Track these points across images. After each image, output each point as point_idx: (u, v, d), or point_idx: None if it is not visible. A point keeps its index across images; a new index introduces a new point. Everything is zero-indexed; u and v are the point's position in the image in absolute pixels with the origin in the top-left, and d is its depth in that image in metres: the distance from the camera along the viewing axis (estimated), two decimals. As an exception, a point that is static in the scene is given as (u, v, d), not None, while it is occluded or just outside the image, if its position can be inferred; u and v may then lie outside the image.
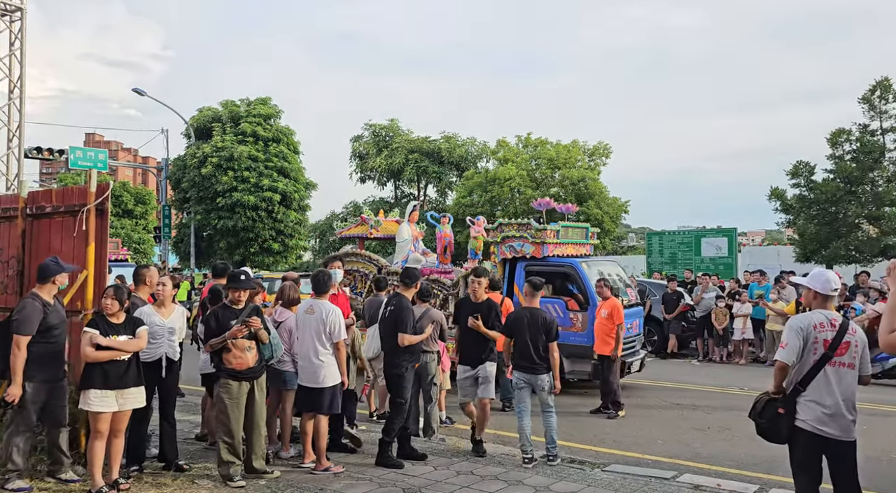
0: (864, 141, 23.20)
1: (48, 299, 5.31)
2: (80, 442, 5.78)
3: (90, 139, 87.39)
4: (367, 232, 12.93)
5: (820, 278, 4.25)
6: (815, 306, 4.23)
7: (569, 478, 5.90)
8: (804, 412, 4.03)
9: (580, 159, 27.61)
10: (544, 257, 10.17)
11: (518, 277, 10.32)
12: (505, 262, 10.57)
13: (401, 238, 12.00)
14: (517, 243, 10.34)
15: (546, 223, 10.33)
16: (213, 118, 30.21)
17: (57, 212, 6.29)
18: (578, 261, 10.41)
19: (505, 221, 10.67)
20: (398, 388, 6.35)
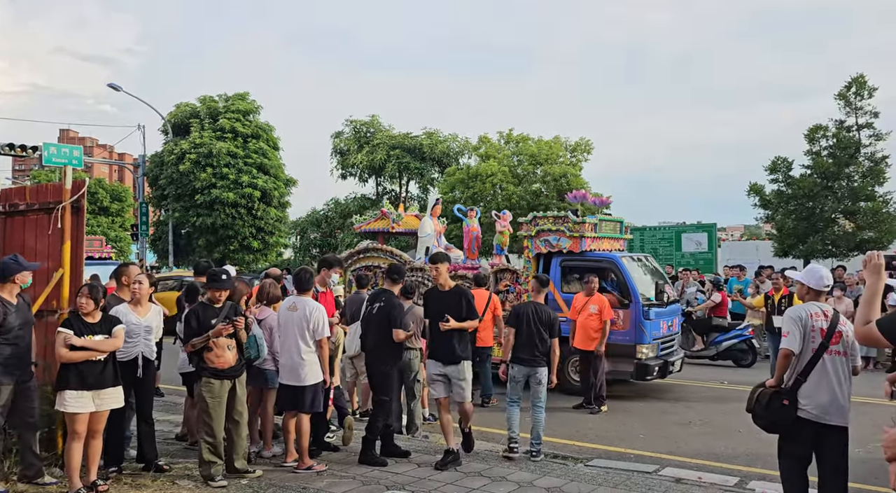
0: (840, 137, 23.55)
1: (9, 299, 5.16)
2: (57, 444, 5.68)
3: (64, 135, 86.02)
4: (388, 226, 12.56)
5: (815, 274, 4.45)
6: (808, 300, 4.43)
7: (552, 473, 5.92)
8: (807, 401, 4.19)
9: (562, 155, 27.69)
10: (582, 251, 9.80)
11: (553, 272, 9.98)
12: (539, 257, 10.18)
13: (423, 233, 11.66)
14: (553, 238, 9.91)
15: (583, 216, 9.92)
16: (190, 114, 29.83)
17: (31, 209, 6.16)
18: (619, 256, 10.05)
19: (540, 215, 10.26)
20: (383, 386, 6.32)
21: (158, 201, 30.23)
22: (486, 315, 9.32)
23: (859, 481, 5.87)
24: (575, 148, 28.57)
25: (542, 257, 10.17)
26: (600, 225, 10.17)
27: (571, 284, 10.08)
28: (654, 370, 9.44)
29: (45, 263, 5.85)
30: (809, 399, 4.18)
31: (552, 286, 9.68)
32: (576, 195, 10.52)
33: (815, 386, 4.17)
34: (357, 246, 12.52)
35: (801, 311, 4.30)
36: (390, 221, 12.49)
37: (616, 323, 9.37)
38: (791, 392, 4.22)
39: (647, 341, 9.47)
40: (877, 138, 23.37)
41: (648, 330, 9.48)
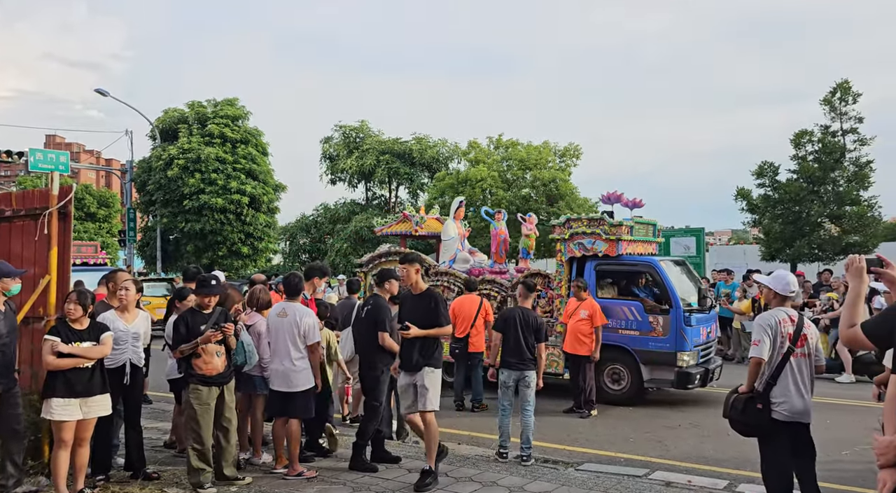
0: (825, 142, 23.80)
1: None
2: (43, 452, 5.61)
3: (51, 141, 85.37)
4: (410, 230, 12.21)
5: (782, 280, 4.61)
6: (775, 304, 4.62)
7: (543, 478, 5.92)
8: (779, 403, 4.37)
9: (551, 160, 27.82)
10: (618, 255, 9.48)
11: (588, 277, 9.66)
12: (572, 261, 9.87)
13: (447, 236, 11.34)
14: (588, 241, 9.56)
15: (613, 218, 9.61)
16: (178, 119, 29.72)
17: (17, 215, 6.10)
18: (657, 259, 9.73)
19: (574, 217, 9.98)
20: (374, 390, 6.29)
21: (146, 207, 30.07)
22: (477, 321, 9.34)
23: (847, 483, 5.93)
24: (564, 153, 28.71)
25: (575, 261, 9.87)
26: (636, 228, 9.85)
27: (606, 289, 9.81)
28: (695, 378, 9.16)
29: (32, 269, 5.79)
30: (781, 401, 4.36)
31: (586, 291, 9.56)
32: (610, 197, 10.03)
33: (785, 388, 4.37)
34: (378, 249, 12.21)
35: (770, 318, 4.46)
36: (413, 225, 12.15)
37: (655, 329, 9.18)
38: (764, 396, 4.39)
39: (688, 349, 9.11)
40: (861, 143, 23.66)
41: (689, 337, 9.13)
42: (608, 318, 9.31)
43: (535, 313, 6.92)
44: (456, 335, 9.43)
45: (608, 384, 9.55)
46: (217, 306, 5.71)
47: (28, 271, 5.70)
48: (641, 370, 9.26)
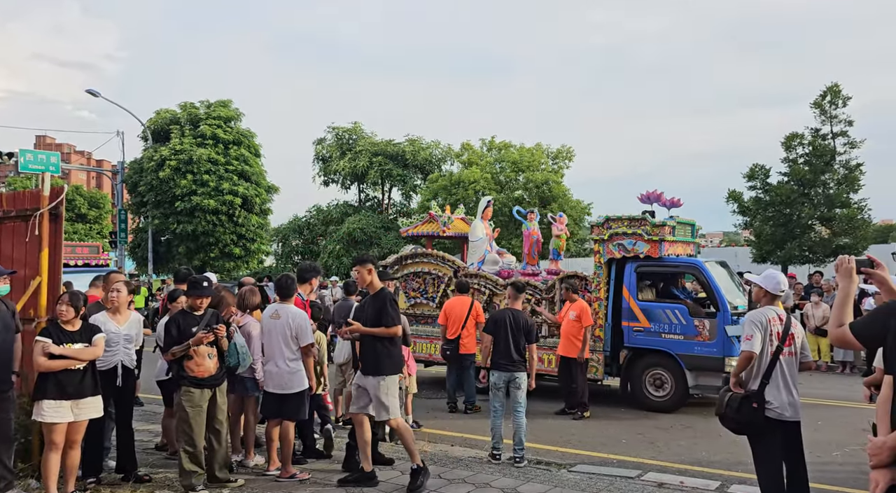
0: (816, 145, 23.98)
1: None
2: (34, 454, 5.57)
3: (41, 141, 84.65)
4: (437, 230, 11.96)
5: (772, 279, 4.69)
6: (765, 303, 4.68)
7: (536, 479, 5.93)
8: (771, 401, 4.42)
9: (544, 162, 27.89)
10: (660, 256, 9.16)
11: (628, 279, 9.37)
12: (611, 262, 9.55)
13: (475, 237, 11.05)
14: (628, 242, 9.26)
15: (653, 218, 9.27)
16: (171, 120, 29.60)
17: (8, 217, 6.06)
18: (703, 261, 9.37)
19: (614, 217, 9.51)
20: None
21: (138, 208, 29.92)
22: (468, 322, 9.35)
23: (838, 483, 5.97)
24: (557, 155, 28.80)
25: (614, 263, 9.55)
26: (677, 228, 9.54)
27: (645, 291, 9.52)
28: None
29: (23, 270, 5.76)
30: (773, 399, 4.43)
31: (627, 294, 9.39)
32: (649, 196, 9.65)
33: (776, 387, 4.44)
34: (403, 250, 11.94)
35: (760, 315, 4.53)
36: (440, 225, 11.85)
37: (701, 334, 8.81)
38: (758, 395, 4.44)
39: (736, 353, 8.63)
40: (851, 146, 23.85)
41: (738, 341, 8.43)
42: (649, 322, 9.14)
43: (525, 315, 6.94)
44: (447, 337, 9.44)
45: (650, 391, 9.21)
46: (209, 308, 5.68)
47: (18, 272, 5.67)
48: (686, 376, 8.92)
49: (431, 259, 11.02)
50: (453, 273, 10.61)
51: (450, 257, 11.04)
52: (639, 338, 9.31)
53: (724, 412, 4.54)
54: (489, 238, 11.22)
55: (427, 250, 11.35)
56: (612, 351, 9.58)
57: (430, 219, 12.17)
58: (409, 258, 11.23)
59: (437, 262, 10.93)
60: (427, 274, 10.91)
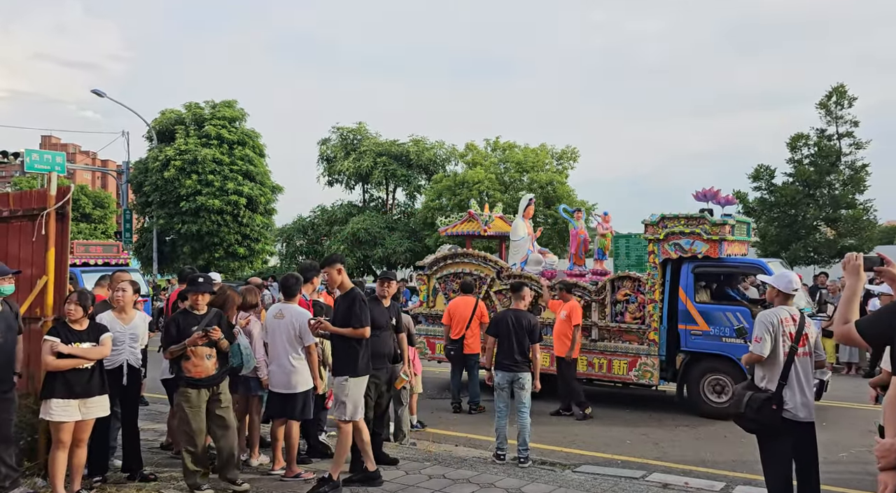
0: (821, 145, 23.93)
1: None
2: (39, 453, 5.59)
3: (46, 142, 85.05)
4: (478, 230, 11.60)
5: (784, 278, 4.70)
6: (778, 302, 4.65)
7: (540, 479, 5.93)
8: (787, 402, 4.39)
9: (548, 163, 27.86)
10: (720, 257, 8.75)
11: (684, 280, 8.98)
12: (666, 263, 9.16)
13: (516, 236, 10.72)
14: (685, 241, 8.86)
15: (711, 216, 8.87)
16: (176, 121, 29.65)
17: (15, 216, 6.08)
18: (766, 261, 8.95)
19: (670, 215, 9.09)
20: None
21: (143, 208, 29.99)
22: (472, 323, 9.35)
23: (845, 485, 5.95)
24: (561, 156, 28.76)
25: (669, 263, 9.16)
26: (736, 227, 9.09)
27: (701, 292, 9.13)
28: None
29: (30, 270, 5.78)
30: (788, 400, 4.40)
31: (683, 296, 8.99)
32: (705, 194, 9.25)
33: (793, 387, 4.41)
34: (440, 250, 11.60)
35: (772, 316, 4.50)
36: (480, 224, 11.48)
37: None
38: (777, 396, 4.40)
39: None
40: (857, 147, 23.80)
41: None
42: (708, 325, 8.78)
43: (529, 314, 6.90)
44: (451, 337, 9.45)
45: (709, 397, 8.86)
46: (212, 308, 5.65)
47: (25, 272, 5.69)
48: None
49: (472, 259, 10.69)
50: (496, 274, 10.36)
51: (492, 258, 10.72)
52: (697, 342, 8.95)
53: (743, 412, 4.47)
54: (531, 238, 10.89)
55: (467, 250, 11.01)
56: (667, 355, 9.20)
57: (469, 218, 11.80)
58: (448, 259, 10.87)
59: (479, 262, 10.62)
60: (468, 275, 10.61)
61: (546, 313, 9.89)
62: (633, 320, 9.33)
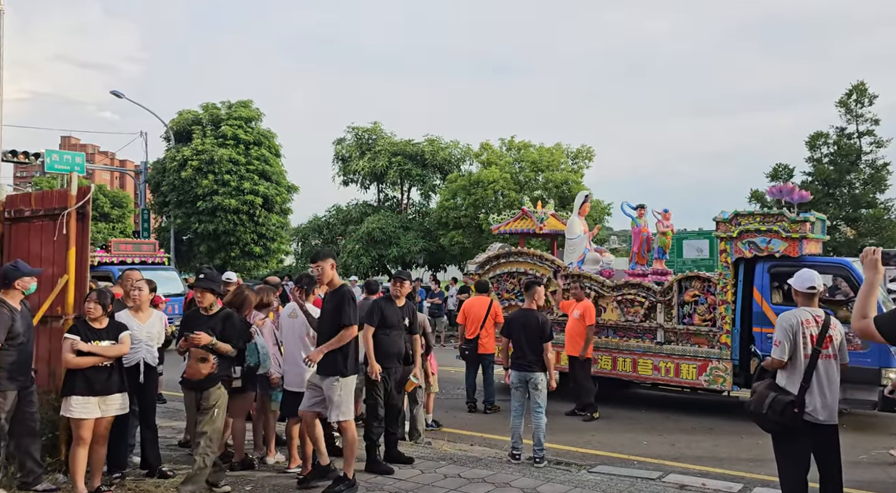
0: (841, 144, 23.63)
1: (14, 305, 5.15)
2: (60, 450, 5.67)
3: (66, 142, 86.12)
4: (533, 228, 11.27)
5: (799, 277, 4.59)
6: (800, 303, 4.54)
7: (555, 479, 5.91)
8: (810, 406, 4.31)
9: (563, 162, 27.72)
10: (800, 256, 8.26)
11: (759, 280, 8.58)
12: (739, 262, 8.72)
13: (572, 234, 10.44)
14: (761, 239, 8.44)
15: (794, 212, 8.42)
16: (192, 121, 29.91)
17: (36, 216, 6.17)
18: (851, 261, 8.43)
19: (744, 212, 8.67)
20: (369, 388, 6.30)
21: (160, 208, 30.29)
22: (486, 322, 9.34)
23: (863, 487, 5.87)
24: (577, 155, 28.60)
25: (743, 263, 8.72)
26: (816, 224, 8.61)
27: (774, 293, 8.66)
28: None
29: (51, 269, 5.86)
30: (814, 404, 4.31)
31: (759, 297, 8.58)
32: (780, 189, 8.87)
33: (818, 391, 4.32)
34: (490, 249, 11.28)
35: (792, 319, 4.39)
36: (535, 222, 11.13)
37: (852, 342, 7.43)
38: (800, 399, 4.33)
39: (895, 365, 7.81)
40: (878, 145, 23.47)
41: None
42: None
43: (539, 314, 6.85)
44: (466, 337, 9.45)
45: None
46: (224, 308, 5.55)
47: (46, 271, 5.77)
48: None
49: (528, 258, 10.39)
50: (553, 273, 10.11)
51: (548, 256, 10.41)
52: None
53: (764, 413, 4.39)
54: (588, 236, 10.59)
55: (522, 249, 10.74)
56: (740, 359, 8.77)
57: (523, 215, 11.46)
58: (501, 257, 10.56)
59: (535, 261, 10.32)
60: (523, 274, 10.29)
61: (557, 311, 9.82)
62: (703, 322, 8.93)
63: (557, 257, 10.80)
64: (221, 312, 5.48)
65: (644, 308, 9.29)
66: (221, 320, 5.40)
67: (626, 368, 9.45)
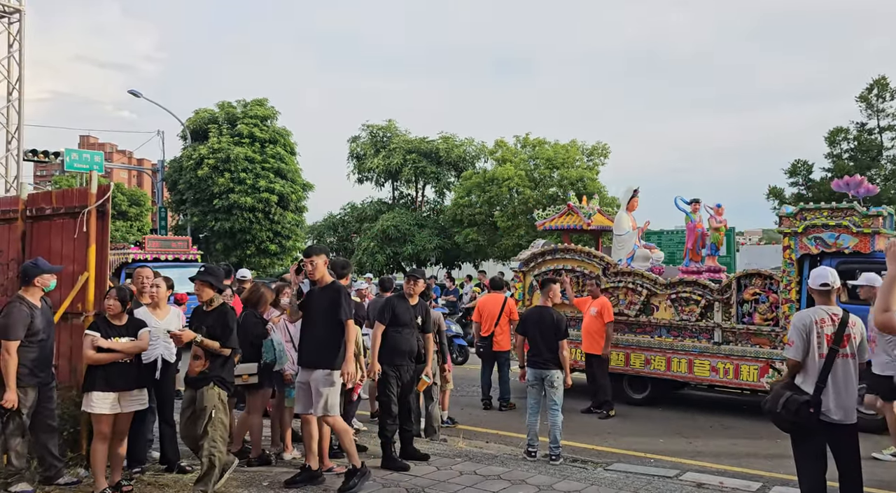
0: (861, 140, 23.34)
1: (34, 302, 5.23)
2: (81, 445, 5.75)
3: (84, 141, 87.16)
4: (580, 223, 10.93)
5: (814, 275, 4.50)
6: (817, 301, 4.47)
7: (571, 477, 5.90)
8: (827, 405, 4.25)
9: (578, 159, 27.61)
10: (872, 252, 7.81)
11: None
12: (805, 259, 8.29)
13: (620, 230, 10.14)
14: (829, 235, 8.07)
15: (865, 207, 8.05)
16: (209, 120, 30.17)
17: (57, 214, 6.26)
18: None
19: (810, 207, 8.37)
20: (381, 386, 6.33)
21: (177, 206, 30.61)
22: (501, 319, 9.33)
23: (875, 485, 5.80)
24: (592, 152, 28.46)
25: (808, 259, 8.29)
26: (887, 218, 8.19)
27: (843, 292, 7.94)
28: None
29: (71, 266, 5.94)
30: (828, 403, 4.25)
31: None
32: (848, 182, 8.51)
33: (833, 391, 4.25)
34: (534, 245, 10.93)
35: (806, 318, 4.32)
36: (582, 218, 10.79)
37: None
38: (815, 399, 4.27)
39: None
40: (899, 141, 23.12)
41: None
42: None
43: (554, 311, 6.80)
44: (481, 334, 9.45)
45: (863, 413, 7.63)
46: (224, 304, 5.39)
47: (66, 268, 5.85)
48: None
49: (576, 255, 10.08)
50: (602, 271, 9.84)
51: (597, 253, 10.11)
52: None
53: (779, 412, 4.34)
54: (637, 232, 10.25)
55: (569, 246, 10.43)
56: None
57: (569, 211, 11.07)
58: (547, 254, 10.31)
59: (583, 258, 10.00)
60: (570, 272, 10.01)
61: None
62: (764, 322, 8.55)
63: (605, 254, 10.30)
64: (217, 308, 5.30)
65: (700, 307, 8.97)
66: (214, 317, 5.25)
67: (681, 369, 9.09)
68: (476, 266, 29.20)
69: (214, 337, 5.16)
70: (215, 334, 5.18)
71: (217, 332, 5.18)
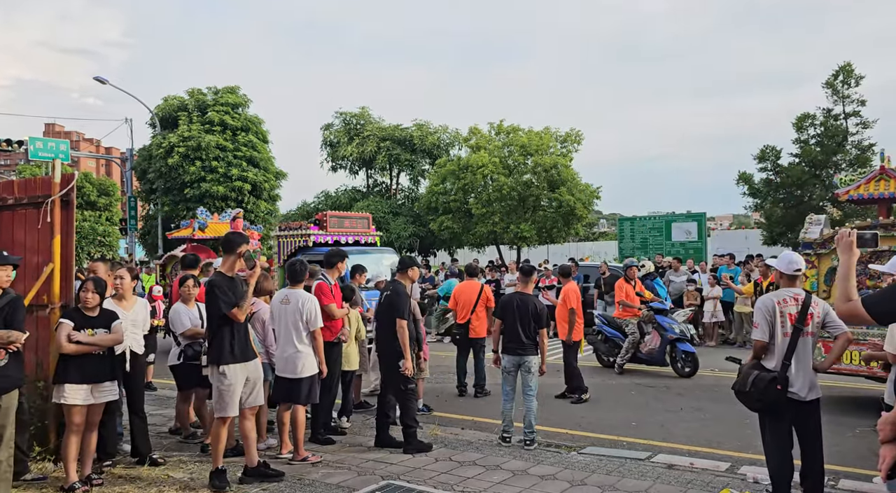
0: (828, 125, 23.74)
1: None
2: (50, 438, 5.66)
3: (50, 129, 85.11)
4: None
5: (784, 260, 4.69)
6: (783, 285, 4.65)
7: (546, 461, 5.96)
8: (793, 383, 4.43)
9: (552, 146, 27.69)
10: None
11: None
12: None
13: None
14: None
15: None
16: (178, 107, 29.58)
17: (20, 204, 6.11)
18: None
19: None
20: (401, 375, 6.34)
21: (147, 195, 30.04)
22: (477, 307, 9.37)
23: (848, 464, 5.97)
24: (565, 138, 28.55)
25: None
26: None
27: None
28: None
29: (35, 257, 5.81)
30: (794, 381, 4.43)
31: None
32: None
33: (797, 368, 4.43)
34: (813, 221, 8.96)
35: (768, 301, 4.52)
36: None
37: None
38: (782, 376, 4.43)
39: None
40: (864, 126, 23.60)
41: None
42: None
43: (535, 299, 6.89)
44: (457, 321, 9.48)
45: None
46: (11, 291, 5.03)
47: (31, 259, 5.72)
48: None
49: None
50: None
51: None
52: None
53: (748, 390, 4.48)
54: None
55: (888, 221, 8.15)
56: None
57: (881, 173, 9.31)
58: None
59: None
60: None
61: None
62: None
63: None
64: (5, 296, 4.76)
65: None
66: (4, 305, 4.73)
67: None
68: (451, 254, 29.23)
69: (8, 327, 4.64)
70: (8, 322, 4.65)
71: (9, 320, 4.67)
